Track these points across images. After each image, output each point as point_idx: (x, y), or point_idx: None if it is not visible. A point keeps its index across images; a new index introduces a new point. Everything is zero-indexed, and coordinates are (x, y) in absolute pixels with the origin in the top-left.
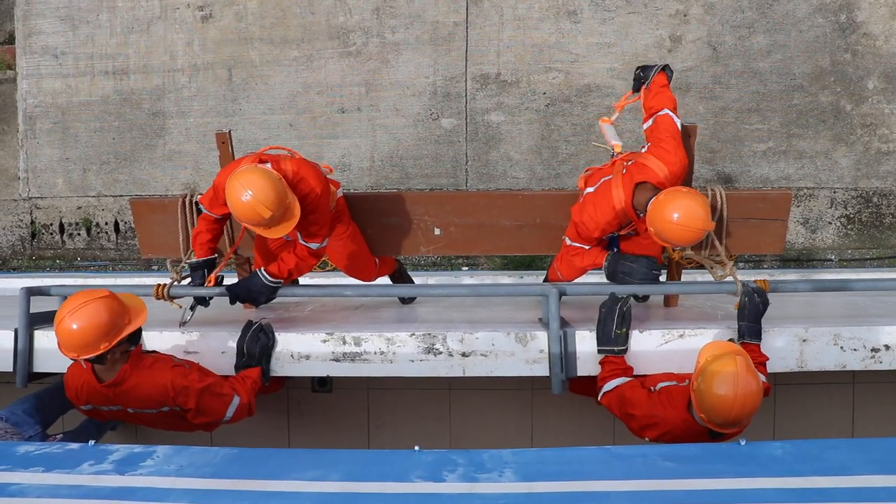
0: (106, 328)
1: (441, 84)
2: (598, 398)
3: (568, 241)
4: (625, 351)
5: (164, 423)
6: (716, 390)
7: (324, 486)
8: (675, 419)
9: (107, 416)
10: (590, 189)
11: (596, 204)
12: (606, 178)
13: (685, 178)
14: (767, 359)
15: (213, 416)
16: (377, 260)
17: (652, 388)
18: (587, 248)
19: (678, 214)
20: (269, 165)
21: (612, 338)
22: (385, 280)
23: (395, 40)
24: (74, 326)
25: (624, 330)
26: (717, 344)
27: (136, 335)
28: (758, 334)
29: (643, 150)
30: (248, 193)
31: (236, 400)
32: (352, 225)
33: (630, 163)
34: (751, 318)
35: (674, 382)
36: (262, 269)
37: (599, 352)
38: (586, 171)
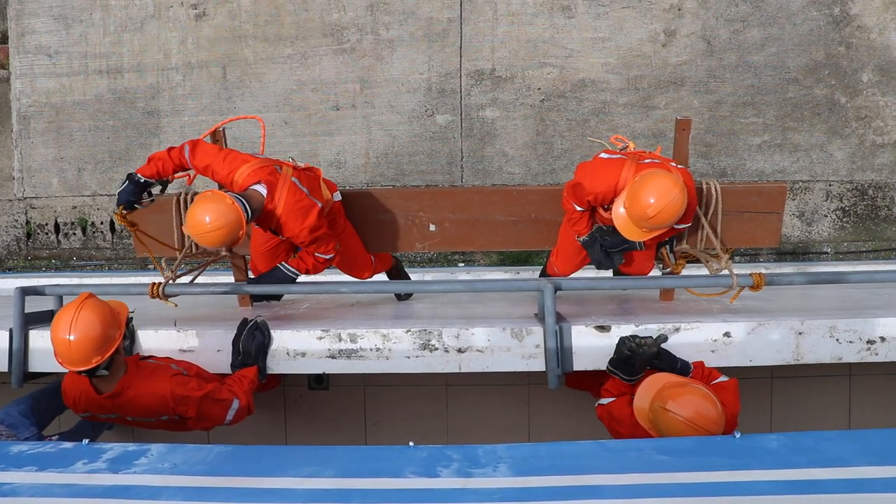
0: (100, 340)
1: (436, 80)
2: (596, 405)
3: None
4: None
5: (162, 428)
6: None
7: (318, 483)
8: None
9: (105, 420)
10: (604, 156)
11: (599, 172)
12: (622, 157)
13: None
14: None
15: (213, 422)
16: (373, 258)
17: None
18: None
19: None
20: (263, 190)
21: (636, 374)
22: (381, 277)
23: (390, 37)
24: (72, 338)
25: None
26: (647, 392)
27: (129, 345)
28: (685, 367)
29: (672, 164)
30: (207, 219)
31: (236, 403)
32: (347, 226)
33: (656, 161)
34: (668, 367)
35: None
36: (285, 263)
37: (613, 373)
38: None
